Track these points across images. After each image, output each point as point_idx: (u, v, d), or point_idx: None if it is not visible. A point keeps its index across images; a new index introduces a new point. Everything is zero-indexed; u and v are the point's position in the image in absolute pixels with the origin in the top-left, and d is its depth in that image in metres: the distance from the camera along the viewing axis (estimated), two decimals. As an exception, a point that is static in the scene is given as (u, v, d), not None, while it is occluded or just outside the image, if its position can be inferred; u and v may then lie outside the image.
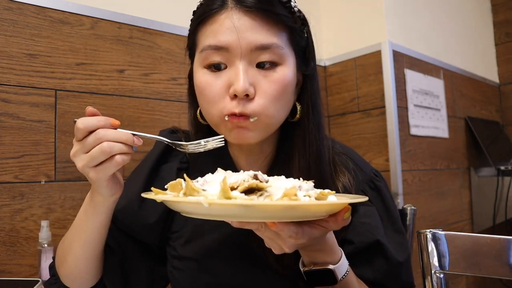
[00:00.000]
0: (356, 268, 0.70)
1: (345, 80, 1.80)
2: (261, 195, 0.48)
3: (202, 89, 0.67)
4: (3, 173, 0.99)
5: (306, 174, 0.69)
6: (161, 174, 0.79)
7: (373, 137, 1.70)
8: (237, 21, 0.63)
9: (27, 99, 1.03)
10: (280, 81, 0.65)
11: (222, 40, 0.63)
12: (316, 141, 0.71)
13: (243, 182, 0.48)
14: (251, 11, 0.63)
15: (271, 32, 0.64)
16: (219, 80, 0.65)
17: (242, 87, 0.62)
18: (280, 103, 0.66)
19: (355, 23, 1.80)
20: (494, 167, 2.08)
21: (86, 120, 0.56)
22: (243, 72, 0.63)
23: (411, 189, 1.71)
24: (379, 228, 0.73)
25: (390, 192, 0.81)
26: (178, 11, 1.38)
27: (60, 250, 0.72)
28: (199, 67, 0.68)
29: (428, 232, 0.64)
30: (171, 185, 0.54)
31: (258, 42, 0.63)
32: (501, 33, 2.61)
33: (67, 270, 0.70)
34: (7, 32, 1.02)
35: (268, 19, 0.64)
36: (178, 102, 1.33)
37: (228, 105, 0.64)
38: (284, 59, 0.66)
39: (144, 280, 0.78)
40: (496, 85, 2.57)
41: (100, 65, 1.17)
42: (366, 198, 0.53)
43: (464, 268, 0.61)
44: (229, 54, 0.64)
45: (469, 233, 0.61)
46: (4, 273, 0.97)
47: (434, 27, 2.04)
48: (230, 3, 0.64)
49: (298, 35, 0.69)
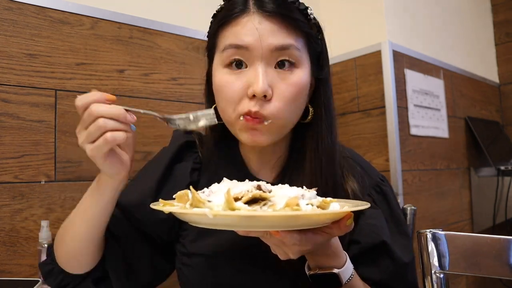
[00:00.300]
0: (362, 269, 0.71)
1: (345, 80, 1.80)
2: (264, 205, 0.49)
3: (221, 87, 0.69)
4: (3, 173, 0.99)
5: (319, 175, 0.71)
6: (175, 173, 0.80)
7: (373, 137, 1.70)
8: (258, 24, 0.66)
9: (27, 99, 1.03)
10: (297, 84, 0.68)
11: (244, 40, 0.66)
12: (328, 143, 0.73)
13: (246, 193, 0.49)
14: (271, 16, 0.66)
15: (290, 35, 0.67)
16: (238, 81, 0.67)
17: (261, 88, 0.64)
18: (294, 106, 0.69)
19: (355, 23, 1.80)
20: (494, 167, 2.08)
21: (83, 97, 0.58)
22: (262, 73, 0.65)
23: (411, 189, 1.71)
24: (385, 229, 0.75)
25: (395, 196, 0.83)
26: (178, 11, 1.38)
27: (60, 231, 0.72)
28: (220, 66, 0.70)
29: (428, 232, 0.64)
30: (178, 196, 0.55)
31: (278, 43, 0.66)
32: (501, 33, 2.61)
33: (64, 250, 0.70)
34: (7, 32, 1.02)
35: (287, 23, 0.67)
36: (178, 102, 1.33)
37: (246, 105, 0.66)
38: (300, 62, 0.69)
39: (147, 272, 0.78)
40: (496, 85, 2.57)
41: (100, 65, 1.17)
42: (368, 205, 0.54)
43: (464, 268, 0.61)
44: (249, 54, 0.66)
45: (469, 233, 0.61)
46: (4, 273, 0.97)
47: (434, 27, 2.04)
48: (252, 7, 0.67)
49: (313, 41, 0.72)
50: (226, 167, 0.70)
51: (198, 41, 1.38)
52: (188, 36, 1.36)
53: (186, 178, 0.78)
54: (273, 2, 0.67)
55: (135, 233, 0.78)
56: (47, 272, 0.73)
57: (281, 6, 0.67)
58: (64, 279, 0.72)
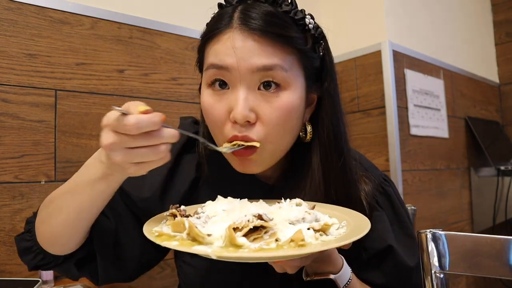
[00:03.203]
0: (368, 273, 0.70)
1: (345, 80, 1.80)
2: (266, 232, 0.49)
3: (206, 110, 0.66)
4: (3, 173, 0.99)
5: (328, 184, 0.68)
6: (183, 164, 0.77)
7: (373, 137, 1.70)
8: (239, 43, 0.61)
9: (27, 99, 1.03)
10: (283, 108, 0.62)
11: (223, 60, 0.61)
12: (336, 162, 0.68)
13: (247, 223, 0.48)
14: (255, 33, 0.60)
15: (276, 54, 0.61)
16: (221, 103, 0.63)
17: (240, 114, 0.60)
18: (284, 129, 0.64)
19: (355, 23, 1.80)
20: (494, 167, 2.08)
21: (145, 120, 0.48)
22: (242, 98, 0.60)
23: (411, 189, 1.71)
24: (390, 233, 0.73)
25: (400, 196, 0.80)
26: (178, 11, 1.38)
27: (45, 209, 0.64)
28: (204, 86, 0.67)
29: (428, 232, 0.64)
30: (174, 224, 0.52)
31: (260, 64, 0.60)
32: (501, 33, 2.61)
33: (49, 232, 0.63)
34: (7, 32, 1.02)
35: (274, 41, 0.61)
36: (178, 102, 1.33)
37: (229, 130, 0.62)
38: (288, 83, 0.63)
39: (135, 257, 0.74)
40: (496, 85, 2.57)
41: (100, 65, 1.17)
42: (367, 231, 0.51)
43: (464, 268, 0.61)
44: (230, 75, 0.62)
45: (469, 233, 0.61)
46: (4, 273, 0.97)
47: (434, 27, 2.04)
48: (235, 23, 0.62)
49: (309, 56, 0.66)
50: (228, 165, 0.69)
51: (198, 41, 1.38)
52: (188, 36, 1.36)
53: (192, 171, 0.76)
54: (260, 18, 0.61)
55: (130, 217, 0.73)
56: (24, 248, 0.67)
57: (268, 22, 0.61)
58: (44, 258, 0.67)
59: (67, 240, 0.64)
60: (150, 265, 0.79)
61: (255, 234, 0.48)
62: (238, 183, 0.70)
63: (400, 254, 0.72)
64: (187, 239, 0.49)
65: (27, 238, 0.67)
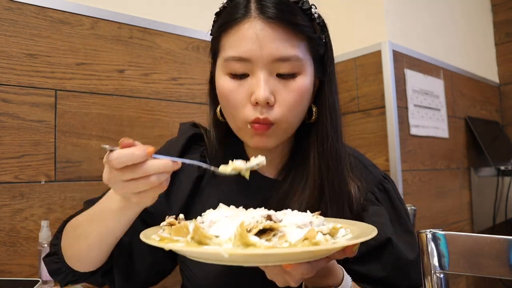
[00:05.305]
0: (367, 267, 0.71)
1: (345, 80, 1.80)
2: (274, 235, 0.48)
3: (225, 95, 0.70)
4: (3, 173, 0.99)
5: (325, 174, 0.72)
6: (184, 164, 0.77)
7: (373, 137, 1.70)
8: (260, 32, 0.65)
9: (27, 99, 1.03)
10: (299, 90, 0.68)
11: (245, 51, 0.66)
12: (334, 141, 0.73)
13: (256, 224, 0.47)
14: (273, 22, 0.65)
15: (292, 43, 0.67)
16: (241, 88, 0.68)
17: (263, 95, 0.65)
18: (297, 110, 0.70)
19: (355, 23, 1.80)
20: (494, 167, 2.08)
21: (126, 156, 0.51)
22: (264, 82, 0.66)
23: (411, 189, 1.71)
24: (388, 226, 0.74)
25: (399, 194, 0.82)
26: (178, 11, 1.38)
27: (70, 234, 0.70)
28: (222, 73, 0.70)
29: (428, 232, 0.64)
30: (176, 229, 0.51)
31: (279, 54, 0.66)
32: (501, 33, 2.61)
33: (77, 255, 0.69)
34: (7, 32, 1.02)
35: (289, 29, 0.66)
36: (178, 102, 1.33)
37: (251, 112, 0.67)
38: (302, 69, 0.69)
39: (146, 267, 0.77)
40: (496, 85, 2.57)
41: (100, 65, 1.17)
42: (375, 233, 0.52)
43: (464, 268, 0.61)
44: (251, 64, 0.66)
45: (469, 233, 0.61)
46: (4, 273, 0.97)
47: (434, 27, 2.04)
48: (253, 12, 0.66)
49: (316, 43, 0.71)
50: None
51: (198, 41, 1.38)
52: (188, 36, 1.36)
53: (194, 171, 0.78)
54: (274, 7, 0.66)
55: (140, 226, 0.74)
56: (55, 270, 0.72)
57: (283, 11, 0.66)
58: (73, 276, 0.72)
59: (93, 260, 0.69)
60: (163, 274, 0.81)
61: (264, 236, 0.46)
62: (242, 178, 0.70)
63: (399, 247, 0.73)
64: (191, 243, 0.47)
65: (55, 260, 0.72)
